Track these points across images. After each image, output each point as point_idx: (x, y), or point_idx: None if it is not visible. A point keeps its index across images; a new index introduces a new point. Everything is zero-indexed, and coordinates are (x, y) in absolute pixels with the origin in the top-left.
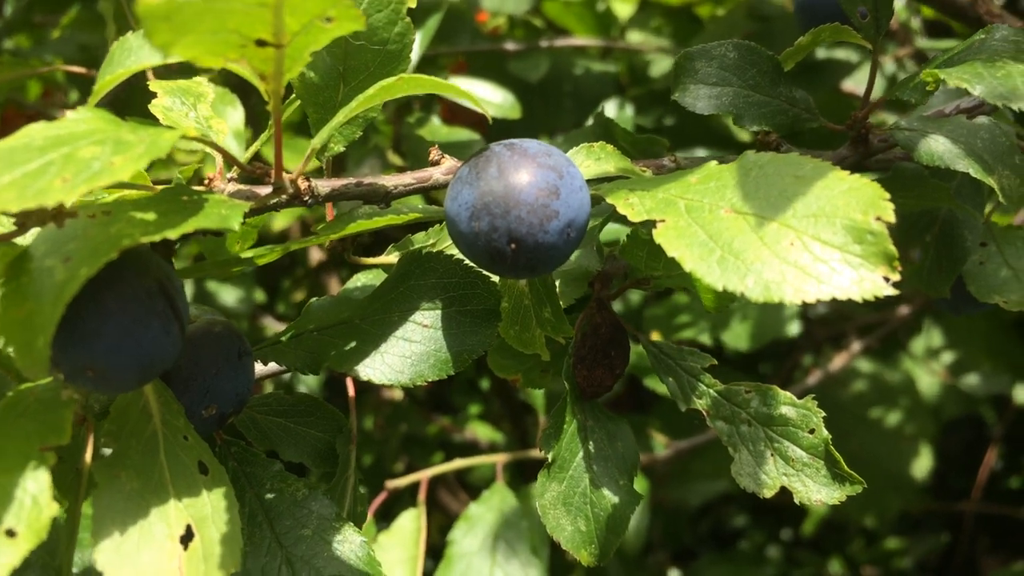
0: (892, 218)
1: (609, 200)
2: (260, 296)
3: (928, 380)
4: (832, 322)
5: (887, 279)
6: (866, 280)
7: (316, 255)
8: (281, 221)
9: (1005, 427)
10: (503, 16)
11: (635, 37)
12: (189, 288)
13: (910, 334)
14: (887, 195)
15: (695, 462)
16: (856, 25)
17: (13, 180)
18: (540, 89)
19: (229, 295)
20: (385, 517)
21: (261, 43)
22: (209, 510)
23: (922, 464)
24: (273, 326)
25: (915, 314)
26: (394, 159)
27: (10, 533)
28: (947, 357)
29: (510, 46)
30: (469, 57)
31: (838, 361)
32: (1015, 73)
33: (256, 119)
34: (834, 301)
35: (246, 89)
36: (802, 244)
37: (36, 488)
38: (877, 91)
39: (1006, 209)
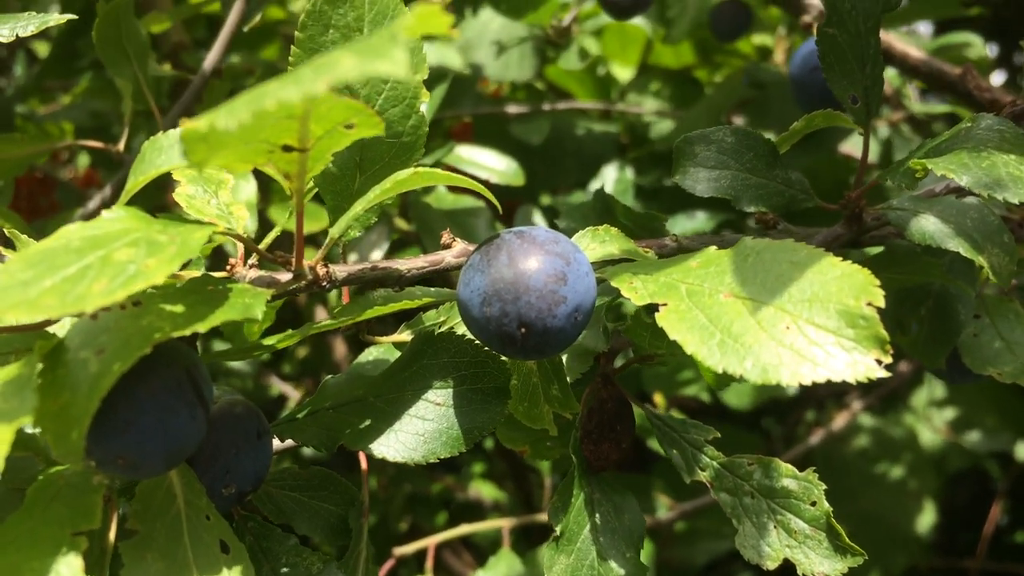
0: (882, 303)
1: (614, 284)
2: (265, 355)
3: (930, 436)
4: None
5: (879, 362)
6: (860, 363)
7: (321, 315)
8: None
9: (1010, 482)
10: (506, 81)
11: (635, 100)
12: None
13: (911, 389)
14: (877, 281)
15: (701, 521)
16: (847, 110)
17: (54, 285)
18: (542, 149)
19: None
20: None
21: (287, 148)
22: None
23: (926, 519)
24: (278, 385)
25: (916, 370)
26: (401, 224)
27: None
28: (949, 413)
29: (512, 109)
30: (475, 118)
31: (840, 420)
32: (999, 163)
33: (265, 185)
34: None
35: None
36: (797, 328)
37: (69, 573)
38: (872, 154)
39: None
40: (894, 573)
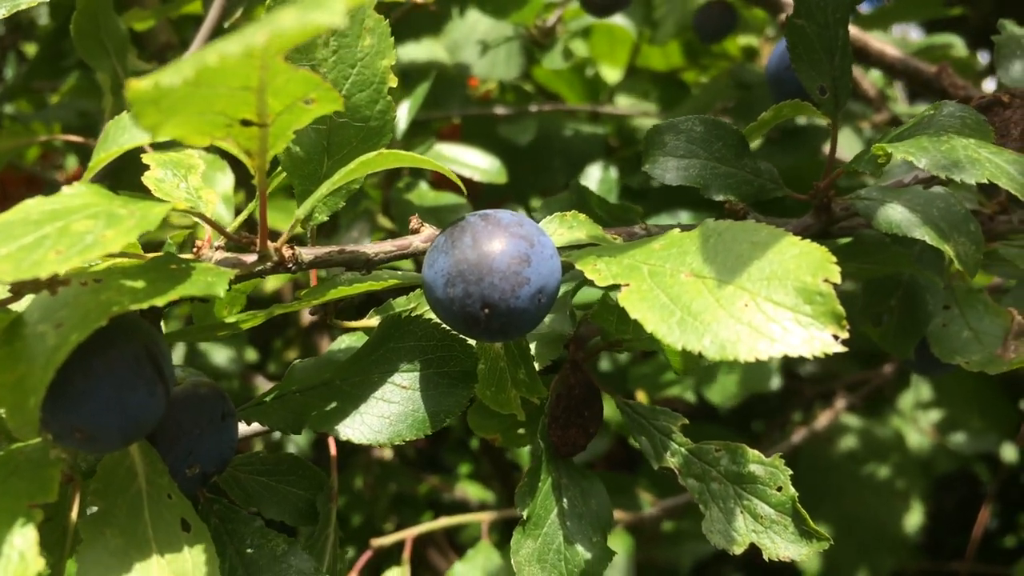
0: (839, 280)
1: (578, 266)
2: (251, 355)
3: (917, 438)
4: (821, 380)
5: (836, 337)
6: (816, 339)
7: (307, 316)
8: (273, 283)
9: (999, 485)
10: (494, 81)
11: (623, 101)
12: (181, 349)
13: (897, 391)
14: (835, 259)
15: (686, 521)
16: (816, 101)
17: (9, 253)
18: (530, 150)
19: (220, 355)
20: None
21: (246, 123)
22: (190, 566)
23: (914, 521)
24: (264, 386)
25: (901, 371)
26: (383, 222)
27: None
28: (935, 415)
29: (500, 110)
30: (463, 120)
31: (823, 419)
32: (959, 147)
33: (247, 181)
34: (822, 358)
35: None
36: (756, 305)
37: (23, 544)
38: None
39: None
40: (881, 575)
